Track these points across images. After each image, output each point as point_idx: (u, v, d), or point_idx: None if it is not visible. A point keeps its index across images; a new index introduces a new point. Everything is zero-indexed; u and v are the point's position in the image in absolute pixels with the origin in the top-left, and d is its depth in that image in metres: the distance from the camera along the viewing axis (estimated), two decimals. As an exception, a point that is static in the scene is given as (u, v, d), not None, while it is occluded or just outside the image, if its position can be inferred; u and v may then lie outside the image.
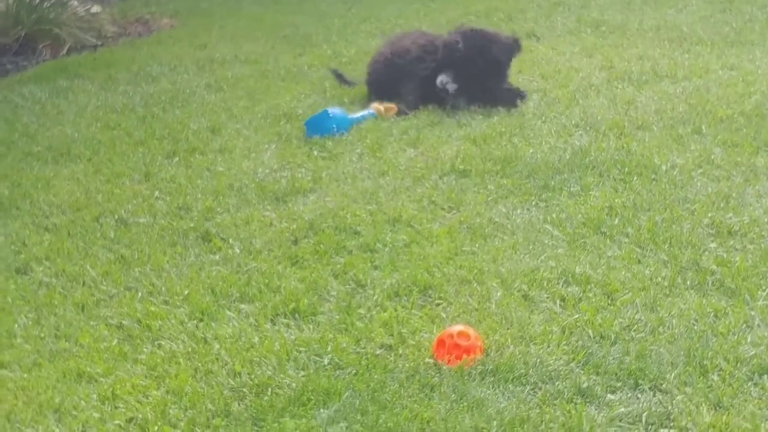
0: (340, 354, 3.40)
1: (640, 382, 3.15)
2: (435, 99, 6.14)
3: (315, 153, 5.45)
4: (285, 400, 3.16)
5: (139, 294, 3.97)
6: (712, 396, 3.07)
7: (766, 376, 3.17)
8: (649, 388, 3.13)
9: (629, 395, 3.10)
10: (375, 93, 6.42)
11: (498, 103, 6.04)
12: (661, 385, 3.14)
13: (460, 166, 5.06)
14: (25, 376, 3.46)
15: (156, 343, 3.59)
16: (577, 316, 3.56)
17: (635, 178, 4.76)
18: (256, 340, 3.54)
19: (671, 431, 2.95)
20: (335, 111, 5.89)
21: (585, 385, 3.15)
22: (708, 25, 8.05)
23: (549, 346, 3.38)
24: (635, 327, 3.47)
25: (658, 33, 7.94)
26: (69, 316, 3.85)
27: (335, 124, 5.74)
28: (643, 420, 2.99)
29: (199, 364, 3.42)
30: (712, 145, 5.14)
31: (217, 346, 3.52)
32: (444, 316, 3.64)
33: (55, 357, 3.56)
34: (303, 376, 3.30)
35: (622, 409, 3.03)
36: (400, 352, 3.41)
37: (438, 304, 3.73)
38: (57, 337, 3.70)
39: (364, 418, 3.05)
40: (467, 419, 3.02)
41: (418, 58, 6.29)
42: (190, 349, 3.52)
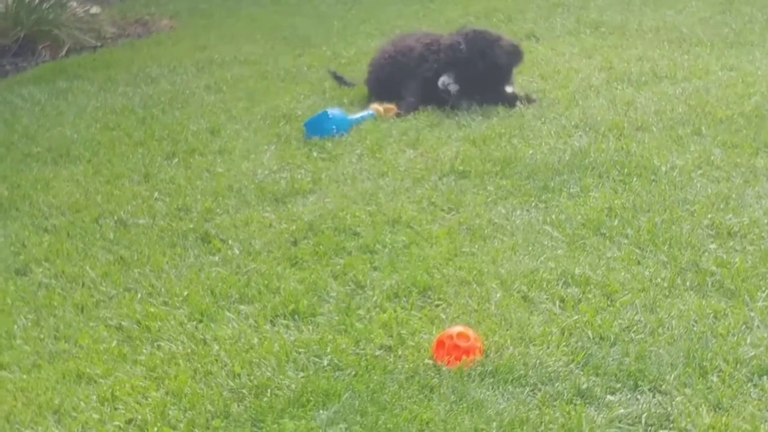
0: (339, 355, 3.40)
1: (639, 383, 3.15)
2: (436, 100, 6.14)
3: (314, 154, 5.45)
4: (284, 401, 3.16)
5: (139, 295, 3.97)
6: (711, 397, 3.07)
7: (765, 378, 3.16)
8: (648, 390, 3.13)
9: (629, 396, 3.10)
10: (374, 91, 6.41)
11: (498, 103, 6.04)
12: (660, 386, 3.14)
13: (460, 167, 5.06)
14: (24, 377, 3.46)
15: (155, 344, 3.59)
16: (576, 317, 3.56)
17: (635, 179, 4.76)
18: (256, 341, 3.54)
19: (671, 432, 2.96)
20: (335, 112, 5.88)
21: (584, 386, 3.15)
22: (707, 26, 8.05)
23: (548, 348, 3.38)
24: (635, 328, 3.47)
25: (657, 34, 7.93)
26: (68, 318, 3.85)
27: (335, 125, 5.74)
28: (643, 421, 2.99)
29: (199, 365, 3.42)
30: (711, 146, 5.13)
31: (217, 347, 3.52)
32: (443, 317, 3.64)
33: (54, 358, 3.56)
34: (302, 377, 3.30)
35: (622, 410, 3.03)
36: (400, 353, 3.41)
37: (437, 305, 3.73)
38: (56, 339, 3.70)
39: (364, 419, 3.05)
40: (467, 420, 3.02)
41: (422, 56, 6.27)
42: (189, 350, 3.52)
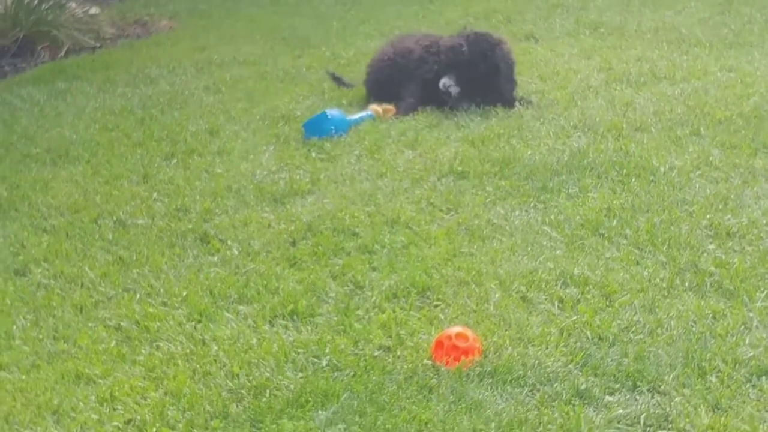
0: (338, 355, 3.40)
1: (638, 383, 3.15)
2: (435, 101, 6.14)
3: (313, 154, 5.45)
4: (283, 401, 3.16)
5: (138, 295, 3.97)
6: (710, 398, 3.07)
7: (764, 378, 3.16)
8: (647, 390, 3.13)
9: (627, 397, 3.10)
10: (373, 93, 6.42)
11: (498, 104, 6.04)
12: (659, 386, 3.14)
13: (459, 168, 5.06)
14: (23, 377, 3.46)
15: (154, 344, 3.59)
16: (575, 317, 3.56)
17: (633, 180, 4.76)
18: (255, 341, 3.54)
19: (669, 433, 2.96)
20: (333, 112, 5.88)
21: (583, 386, 3.15)
22: (706, 27, 8.06)
23: (547, 348, 3.38)
24: (633, 328, 3.47)
25: (656, 35, 7.94)
26: (67, 318, 3.85)
27: (333, 126, 5.74)
28: (642, 422, 2.99)
29: (198, 366, 3.42)
30: (710, 147, 5.13)
31: (216, 348, 3.52)
32: (442, 317, 3.64)
33: (53, 358, 3.56)
34: (301, 377, 3.30)
35: (620, 410, 3.03)
36: (399, 353, 3.41)
37: (436, 306, 3.73)
38: (55, 339, 3.70)
39: (363, 420, 3.05)
40: (465, 421, 3.02)
41: (421, 58, 6.27)
42: (188, 351, 3.52)
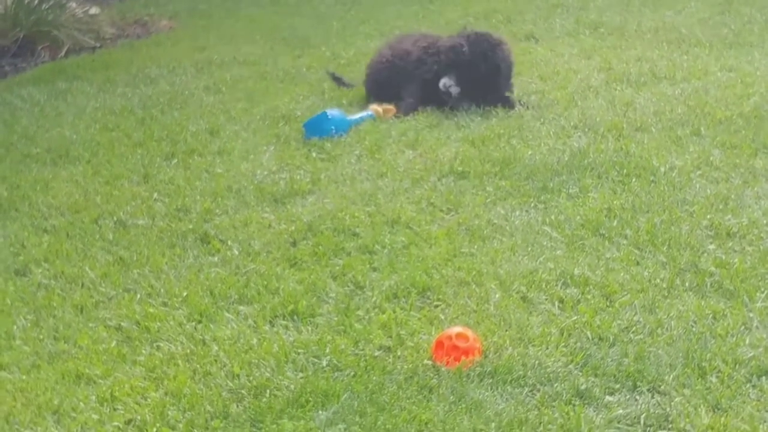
0: (338, 356, 3.40)
1: (638, 383, 3.15)
2: (435, 101, 6.14)
3: (314, 155, 5.45)
4: (283, 401, 3.16)
5: (138, 296, 3.97)
6: (710, 398, 3.07)
7: (764, 378, 3.17)
8: (647, 390, 3.13)
9: (627, 397, 3.10)
10: (372, 93, 6.43)
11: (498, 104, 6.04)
12: (659, 386, 3.14)
13: (459, 168, 5.06)
14: (23, 377, 3.46)
15: (155, 344, 3.59)
16: (575, 317, 3.56)
17: (634, 180, 4.76)
18: (255, 341, 3.54)
19: (670, 433, 2.96)
20: (334, 112, 5.88)
21: (583, 386, 3.15)
22: (707, 27, 8.06)
23: (547, 348, 3.38)
24: (634, 329, 3.47)
25: (656, 35, 7.94)
26: (68, 318, 3.85)
27: (334, 126, 5.74)
28: (642, 422, 2.99)
29: (198, 366, 3.42)
30: (710, 147, 5.13)
31: (216, 348, 3.52)
32: (442, 317, 3.64)
33: (53, 359, 3.56)
34: (301, 377, 3.30)
35: (621, 410, 3.03)
36: (399, 353, 3.41)
37: (437, 306, 3.73)
38: (56, 339, 3.70)
39: (363, 420, 3.05)
40: (466, 421, 3.02)
41: (420, 60, 6.28)
42: (188, 351, 3.52)
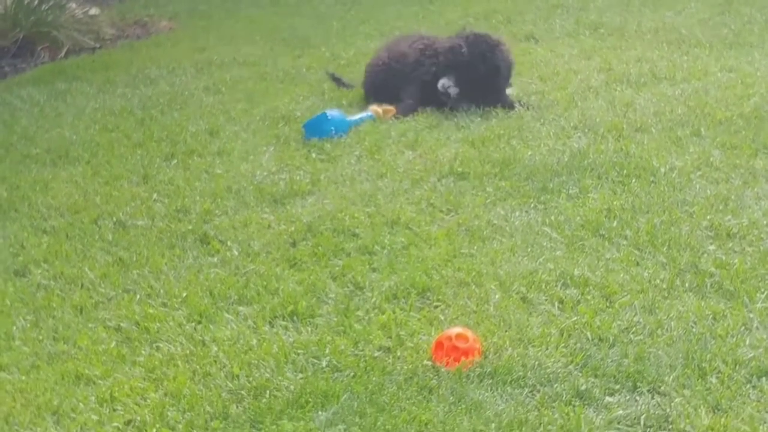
0: (338, 356, 3.40)
1: (638, 384, 3.15)
2: (435, 102, 6.13)
3: (313, 155, 5.45)
4: (283, 402, 3.16)
5: (138, 296, 3.97)
6: (710, 398, 3.06)
7: (764, 379, 3.16)
8: (647, 391, 3.13)
9: (627, 398, 3.10)
10: (371, 94, 6.42)
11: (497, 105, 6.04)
12: (659, 387, 3.14)
13: (459, 169, 5.05)
14: (23, 378, 3.46)
15: (154, 345, 3.59)
16: (575, 318, 3.56)
17: (634, 181, 4.76)
18: (255, 342, 3.54)
19: (670, 434, 2.96)
20: (333, 113, 5.88)
21: (583, 387, 3.14)
22: (707, 28, 8.05)
23: (547, 349, 3.38)
24: (634, 329, 3.47)
25: (656, 35, 7.93)
26: (67, 319, 3.84)
27: (333, 127, 5.73)
28: (642, 422, 2.99)
29: (198, 367, 3.42)
30: (710, 148, 5.13)
31: (216, 349, 3.52)
32: (442, 318, 3.64)
33: (53, 359, 3.56)
34: (301, 378, 3.30)
35: (621, 411, 3.03)
36: (399, 354, 3.41)
37: (436, 307, 3.73)
38: (55, 340, 3.70)
39: (363, 421, 3.04)
40: (465, 421, 3.02)
41: (417, 62, 6.28)
42: (188, 352, 3.52)
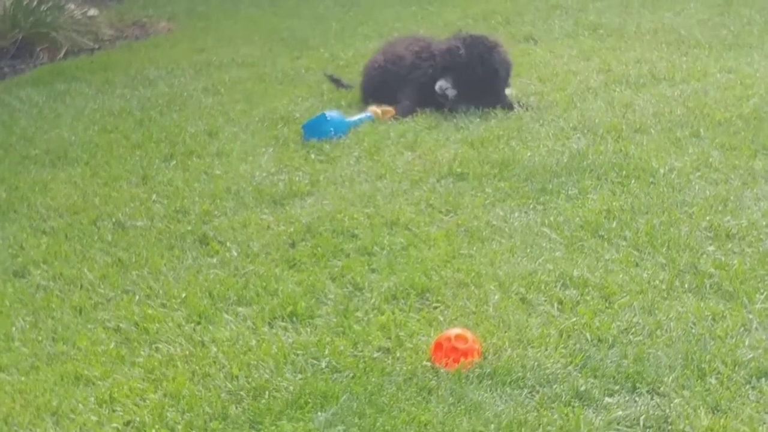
0: (337, 357, 3.40)
1: (637, 385, 3.15)
2: (434, 103, 6.13)
3: (312, 156, 5.45)
4: (282, 403, 3.16)
5: (137, 297, 3.97)
6: (709, 399, 3.06)
7: (763, 380, 3.16)
8: (646, 392, 3.12)
9: (627, 398, 3.10)
10: (368, 95, 6.42)
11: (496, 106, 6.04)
12: (658, 388, 3.14)
13: (458, 170, 5.05)
14: (22, 379, 3.46)
15: (153, 346, 3.59)
16: (574, 319, 3.56)
17: (633, 182, 4.76)
18: (254, 343, 3.54)
19: (669, 434, 2.96)
20: (332, 114, 5.88)
21: (582, 388, 3.14)
22: (706, 28, 8.06)
23: (547, 350, 3.37)
24: (633, 330, 3.47)
25: (655, 36, 7.94)
26: (66, 320, 3.84)
27: (332, 128, 5.74)
28: (641, 423, 2.99)
29: (197, 368, 3.41)
30: (710, 149, 5.13)
31: (215, 349, 3.52)
32: (441, 319, 3.64)
33: (52, 360, 3.56)
34: (300, 379, 3.29)
35: (620, 412, 3.03)
36: (398, 355, 3.41)
37: (435, 307, 3.73)
38: (54, 340, 3.70)
39: (362, 422, 3.04)
40: (465, 422, 3.02)
41: (413, 64, 6.28)
42: (187, 352, 3.52)
